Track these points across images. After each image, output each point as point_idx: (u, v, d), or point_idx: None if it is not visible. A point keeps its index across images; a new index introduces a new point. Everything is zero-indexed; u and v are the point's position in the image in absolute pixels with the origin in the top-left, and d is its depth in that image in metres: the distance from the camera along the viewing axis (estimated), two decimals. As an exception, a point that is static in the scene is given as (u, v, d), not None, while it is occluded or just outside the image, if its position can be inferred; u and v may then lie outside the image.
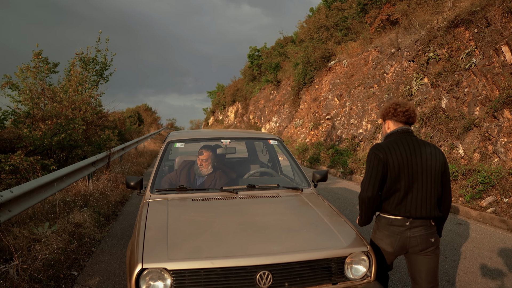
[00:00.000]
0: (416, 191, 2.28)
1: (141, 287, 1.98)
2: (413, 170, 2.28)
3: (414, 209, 2.26)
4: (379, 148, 2.34)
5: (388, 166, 2.28)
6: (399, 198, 2.28)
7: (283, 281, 2.07)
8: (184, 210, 2.71)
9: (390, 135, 2.44)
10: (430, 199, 2.29)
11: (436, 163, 2.33)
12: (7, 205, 3.81)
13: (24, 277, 3.07)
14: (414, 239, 2.27)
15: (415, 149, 2.33)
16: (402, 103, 2.47)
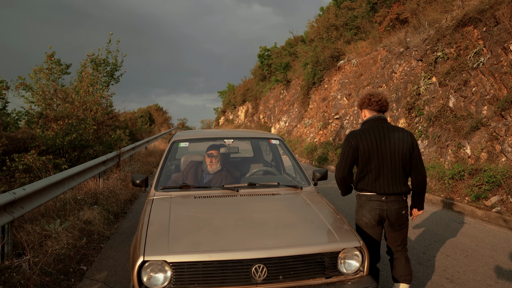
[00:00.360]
0: (387, 171, 2.66)
1: (142, 278, 2.10)
2: (382, 153, 2.65)
3: (387, 186, 2.65)
4: (352, 136, 2.74)
5: (359, 151, 2.68)
6: (372, 178, 2.67)
7: (278, 274, 2.16)
8: (186, 206, 2.82)
9: (366, 122, 2.80)
10: (400, 177, 2.69)
11: (404, 146, 2.66)
12: (20, 202, 3.97)
13: (35, 270, 3.22)
14: (389, 211, 2.67)
15: (384, 134, 2.69)
16: (375, 93, 2.80)
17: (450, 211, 6.38)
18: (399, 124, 10.83)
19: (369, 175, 2.68)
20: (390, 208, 2.66)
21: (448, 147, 8.38)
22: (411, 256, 4.15)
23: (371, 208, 2.69)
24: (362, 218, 2.73)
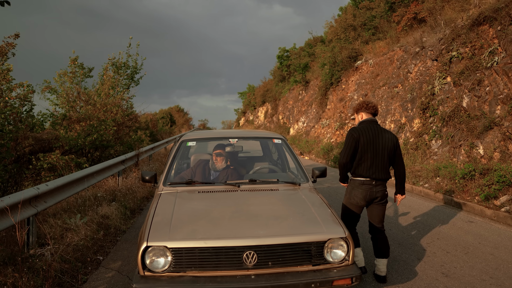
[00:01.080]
0: (378, 162, 3.39)
1: (146, 261, 2.35)
2: (376, 148, 3.38)
3: (378, 173, 3.39)
4: (354, 130, 3.46)
5: (359, 143, 3.38)
6: (367, 166, 3.39)
7: (267, 261, 2.37)
8: (189, 200, 3.07)
9: (363, 122, 3.53)
10: (386, 167, 3.45)
11: (390, 145, 3.44)
12: (43, 197, 4.32)
13: (55, 258, 3.53)
14: (377, 192, 3.43)
15: (378, 134, 3.43)
16: (370, 100, 3.64)
17: (459, 210, 6.42)
18: (414, 124, 10.82)
19: (364, 164, 3.40)
20: (378, 190, 3.43)
21: (461, 147, 8.37)
22: (411, 252, 4.28)
23: (363, 190, 3.41)
24: (355, 198, 3.44)
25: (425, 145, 9.77)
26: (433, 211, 6.27)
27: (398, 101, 12.19)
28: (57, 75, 10.88)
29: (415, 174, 8.85)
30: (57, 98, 10.64)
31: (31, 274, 3.19)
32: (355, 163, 3.44)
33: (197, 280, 2.30)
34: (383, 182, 3.46)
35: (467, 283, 3.44)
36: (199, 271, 2.35)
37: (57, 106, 9.82)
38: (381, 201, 3.48)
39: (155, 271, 2.36)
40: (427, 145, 9.73)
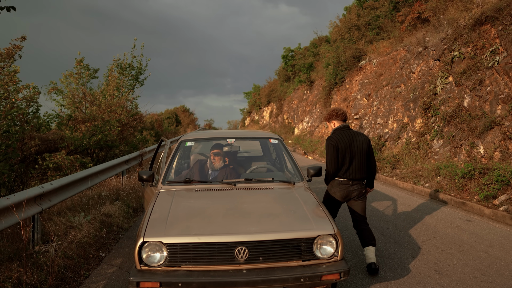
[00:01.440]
0: (355, 164, 3.73)
1: (142, 256, 2.46)
2: (352, 151, 3.71)
3: (354, 174, 3.74)
4: (332, 139, 3.80)
5: (338, 149, 3.70)
6: (346, 168, 3.72)
7: (258, 256, 2.47)
8: (186, 198, 3.18)
9: (337, 129, 3.88)
10: (362, 168, 3.76)
11: (364, 146, 3.78)
12: (48, 195, 4.45)
13: (59, 253, 3.66)
14: (353, 191, 3.77)
15: (352, 138, 3.77)
16: (338, 108, 3.95)
17: (458, 209, 6.46)
18: (416, 124, 10.85)
19: (344, 167, 3.72)
20: (354, 189, 3.77)
21: (462, 146, 8.40)
22: (406, 250, 4.35)
23: (341, 189, 3.76)
24: (334, 195, 3.79)
25: (426, 144, 9.80)
26: (431, 210, 6.33)
27: (400, 101, 12.22)
28: (63, 76, 11.07)
29: (416, 173, 8.89)
30: (63, 99, 10.81)
31: (35, 269, 3.32)
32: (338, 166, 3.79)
33: (191, 274, 2.41)
34: (359, 181, 3.80)
35: (459, 280, 3.51)
36: (193, 266, 2.46)
37: (63, 107, 9.99)
38: (358, 198, 3.81)
39: (151, 266, 2.47)
40: (428, 145, 9.76)
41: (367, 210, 6.32)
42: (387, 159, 10.35)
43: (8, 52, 8.23)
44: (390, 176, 9.65)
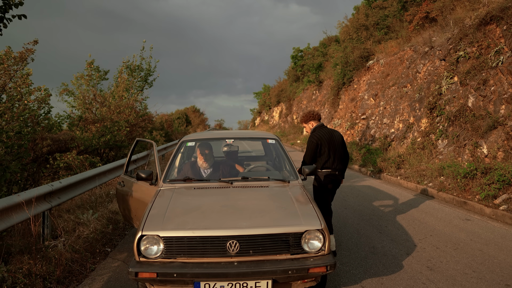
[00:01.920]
0: (336, 156, 4.35)
1: (141, 248, 2.64)
2: (333, 145, 4.34)
3: (336, 164, 4.35)
4: (314, 137, 4.37)
5: (321, 145, 4.30)
6: (331, 161, 4.32)
7: (248, 249, 2.62)
8: (184, 195, 3.35)
9: (316, 128, 4.51)
10: (340, 160, 4.41)
11: (340, 140, 4.48)
12: (57, 193, 4.68)
13: (67, 247, 3.87)
14: (338, 180, 4.40)
15: (331, 134, 4.40)
16: (314, 110, 4.66)
17: (460, 209, 6.52)
18: (421, 124, 10.87)
19: (329, 160, 4.32)
20: (338, 178, 4.40)
21: (466, 146, 8.42)
22: (402, 247, 4.46)
23: (331, 179, 4.31)
24: (326, 185, 4.30)
25: (431, 144, 9.83)
26: (432, 210, 6.40)
27: (406, 101, 12.24)
28: (74, 78, 11.37)
29: (420, 173, 8.94)
30: (74, 100, 11.11)
31: (44, 262, 3.53)
32: (322, 160, 4.34)
33: (185, 265, 2.58)
34: (341, 171, 4.44)
35: (449, 276, 3.61)
36: (187, 258, 2.63)
37: (73, 108, 10.27)
38: (338, 186, 4.48)
39: (149, 257, 2.64)
40: (433, 145, 9.79)
41: (367, 209, 6.44)
42: (392, 159, 10.40)
43: (21, 56, 8.52)
44: (394, 176, 9.71)
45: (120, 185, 4.47)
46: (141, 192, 3.90)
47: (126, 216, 4.45)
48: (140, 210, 3.82)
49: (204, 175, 3.99)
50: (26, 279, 3.16)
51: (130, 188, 4.16)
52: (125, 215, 4.47)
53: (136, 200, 4.00)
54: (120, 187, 4.46)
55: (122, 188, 4.37)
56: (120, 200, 4.45)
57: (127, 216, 4.37)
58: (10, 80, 8.08)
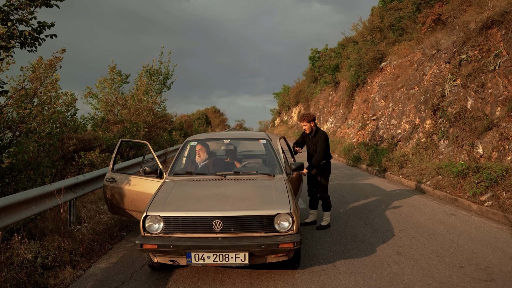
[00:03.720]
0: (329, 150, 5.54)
1: (145, 225, 3.31)
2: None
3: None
4: (325, 134, 5.48)
5: (329, 142, 5.42)
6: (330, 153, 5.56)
7: (230, 228, 3.26)
8: (184, 186, 4.01)
9: (317, 127, 5.58)
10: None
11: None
12: (82, 185, 5.44)
13: (89, 230, 4.61)
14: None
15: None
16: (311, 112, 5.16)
17: (450, 205, 6.95)
18: (426, 125, 11.23)
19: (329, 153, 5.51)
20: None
21: (463, 146, 8.79)
22: (381, 236, 4.99)
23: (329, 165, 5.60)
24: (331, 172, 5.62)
25: (433, 145, 10.20)
26: (422, 205, 6.87)
27: (413, 102, 12.59)
28: (98, 82, 12.30)
29: (420, 172, 9.35)
30: (98, 102, 12.02)
31: (70, 240, 4.26)
32: (328, 154, 5.46)
33: (180, 239, 3.24)
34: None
35: (413, 259, 4.14)
36: (181, 233, 3.29)
37: (97, 110, 11.16)
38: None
39: (151, 233, 3.32)
40: (435, 145, 10.16)
41: (361, 204, 6.96)
42: (396, 159, 10.81)
43: (50, 63, 9.44)
44: (397, 175, 10.14)
45: (109, 182, 4.87)
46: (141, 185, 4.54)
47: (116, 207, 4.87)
48: (139, 200, 4.45)
49: (203, 170, 4.65)
50: (56, 251, 3.89)
51: (127, 183, 4.69)
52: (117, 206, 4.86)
53: (134, 192, 4.57)
54: (109, 183, 4.85)
55: (114, 184, 4.81)
56: (115, 194, 4.82)
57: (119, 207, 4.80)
58: (41, 85, 9.00)
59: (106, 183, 4.92)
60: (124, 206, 4.78)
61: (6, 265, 3.43)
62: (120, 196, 4.78)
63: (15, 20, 4.57)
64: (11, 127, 7.35)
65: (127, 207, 4.74)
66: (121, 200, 4.78)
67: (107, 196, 4.93)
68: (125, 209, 4.77)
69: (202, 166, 4.66)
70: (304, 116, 5.40)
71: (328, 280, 3.61)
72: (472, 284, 3.47)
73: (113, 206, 4.95)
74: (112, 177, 4.89)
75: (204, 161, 4.73)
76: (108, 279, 3.69)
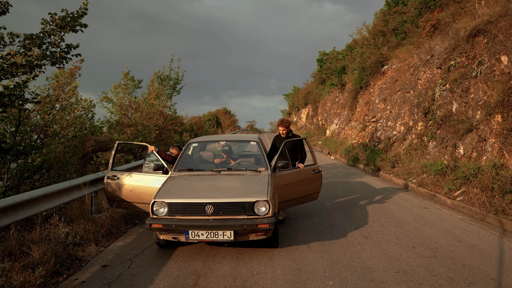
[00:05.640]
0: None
1: (153, 209, 4.21)
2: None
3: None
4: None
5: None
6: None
7: (219, 211, 4.13)
8: (185, 179, 4.90)
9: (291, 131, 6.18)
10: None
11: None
12: (100, 180, 6.38)
13: (108, 217, 5.54)
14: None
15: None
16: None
17: (429, 200, 7.70)
18: (418, 127, 11.94)
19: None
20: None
21: (447, 148, 9.52)
22: (354, 224, 5.81)
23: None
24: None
25: (423, 146, 10.92)
26: (402, 200, 7.64)
27: (408, 105, 13.31)
28: (112, 87, 13.33)
29: (409, 171, 10.10)
30: (113, 106, 13.04)
31: (93, 224, 5.20)
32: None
33: (180, 220, 4.13)
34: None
35: (376, 241, 4.95)
36: (181, 216, 4.18)
37: (112, 114, 12.18)
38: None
39: (158, 215, 4.22)
40: (425, 146, 10.88)
41: (347, 199, 7.76)
42: (388, 159, 11.56)
43: (70, 72, 10.47)
44: (389, 173, 10.89)
45: (112, 179, 5.51)
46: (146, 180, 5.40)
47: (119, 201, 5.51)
48: (144, 194, 5.29)
49: (201, 166, 5.55)
50: (82, 232, 4.83)
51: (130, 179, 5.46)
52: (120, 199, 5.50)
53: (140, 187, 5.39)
54: (112, 180, 5.51)
55: (116, 180, 5.50)
56: (118, 189, 5.45)
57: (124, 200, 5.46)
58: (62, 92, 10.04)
59: (108, 180, 5.55)
60: (129, 200, 5.48)
61: (46, 240, 4.37)
62: (124, 191, 5.45)
63: (48, 43, 5.53)
64: (36, 130, 8.38)
65: (133, 200, 5.49)
66: (126, 194, 5.44)
67: (109, 191, 5.56)
68: (131, 202, 5.49)
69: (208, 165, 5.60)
70: (287, 122, 6.13)
71: (300, 255, 4.45)
72: (416, 260, 4.28)
73: (115, 200, 5.56)
74: (114, 175, 5.56)
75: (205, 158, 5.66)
76: (124, 253, 4.60)
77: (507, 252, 4.44)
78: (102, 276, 3.93)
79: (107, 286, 3.69)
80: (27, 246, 4.15)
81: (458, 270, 3.93)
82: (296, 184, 5.42)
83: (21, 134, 7.60)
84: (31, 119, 8.32)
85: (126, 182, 5.51)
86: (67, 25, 5.55)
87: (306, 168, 5.59)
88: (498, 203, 6.05)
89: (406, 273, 3.87)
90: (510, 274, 3.81)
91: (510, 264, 4.08)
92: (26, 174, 6.79)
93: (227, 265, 4.18)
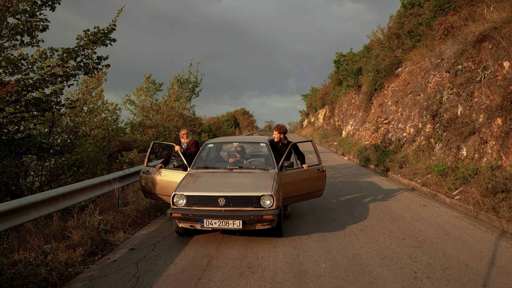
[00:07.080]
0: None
1: (174, 201, 4.91)
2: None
3: None
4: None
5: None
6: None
7: (230, 203, 4.80)
8: (201, 176, 5.59)
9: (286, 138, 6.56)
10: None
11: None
12: (127, 177, 7.15)
13: (133, 210, 6.28)
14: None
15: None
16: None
17: (430, 199, 8.16)
18: (426, 129, 12.33)
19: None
20: None
21: (451, 149, 9.93)
22: (353, 218, 6.36)
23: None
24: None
25: (430, 147, 11.33)
26: (404, 199, 8.13)
27: (418, 108, 13.69)
28: (135, 90, 14.20)
29: (415, 171, 10.54)
30: (135, 108, 13.90)
31: (121, 215, 5.94)
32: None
33: (196, 211, 4.81)
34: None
35: (370, 234, 5.51)
36: (198, 207, 4.86)
37: (134, 115, 13.02)
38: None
39: (178, 206, 4.91)
40: (432, 147, 11.29)
41: (352, 196, 8.30)
42: (396, 160, 12.00)
43: (97, 77, 11.34)
44: (396, 174, 11.34)
45: (145, 173, 6.32)
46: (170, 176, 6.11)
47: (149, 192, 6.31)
48: (168, 187, 6.00)
49: (216, 165, 6.22)
50: (112, 221, 5.58)
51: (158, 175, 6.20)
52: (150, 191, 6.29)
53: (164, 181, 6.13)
54: (145, 174, 6.31)
55: (149, 175, 6.28)
56: (148, 182, 6.28)
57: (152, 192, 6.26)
58: (89, 96, 10.91)
59: (143, 175, 6.44)
60: (155, 191, 6.30)
61: (83, 227, 5.13)
62: (152, 184, 6.29)
63: (82, 55, 6.32)
64: (67, 131, 9.25)
65: (158, 192, 6.29)
66: (154, 187, 6.30)
67: (142, 184, 6.43)
68: (157, 194, 6.30)
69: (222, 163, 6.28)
70: (281, 128, 6.46)
71: (301, 244, 5.07)
72: (403, 249, 4.83)
73: (147, 192, 6.43)
74: (147, 170, 6.44)
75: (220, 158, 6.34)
76: (148, 240, 5.32)
77: (487, 244, 4.95)
78: (130, 257, 4.65)
79: (134, 264, 4.40)
80: (68, 231, 4.91)
81: (438, 258, 4.48)
82: (301, 182, 6.02)
83: (53, 135, 8.48)
84: (62, 121, 9.19)
85: (155, 177, 6.25)
86: (98, 40, 6.32)
87: (310, 167, 6.17)
88: (490, 202, 6.51)
89: (391, 259, 4.44)
90: (482, 261, 4.33)
91: (486, 253, 4.60)
92: (60, 171, 7.63)
93: (236, 250, 4.84)
